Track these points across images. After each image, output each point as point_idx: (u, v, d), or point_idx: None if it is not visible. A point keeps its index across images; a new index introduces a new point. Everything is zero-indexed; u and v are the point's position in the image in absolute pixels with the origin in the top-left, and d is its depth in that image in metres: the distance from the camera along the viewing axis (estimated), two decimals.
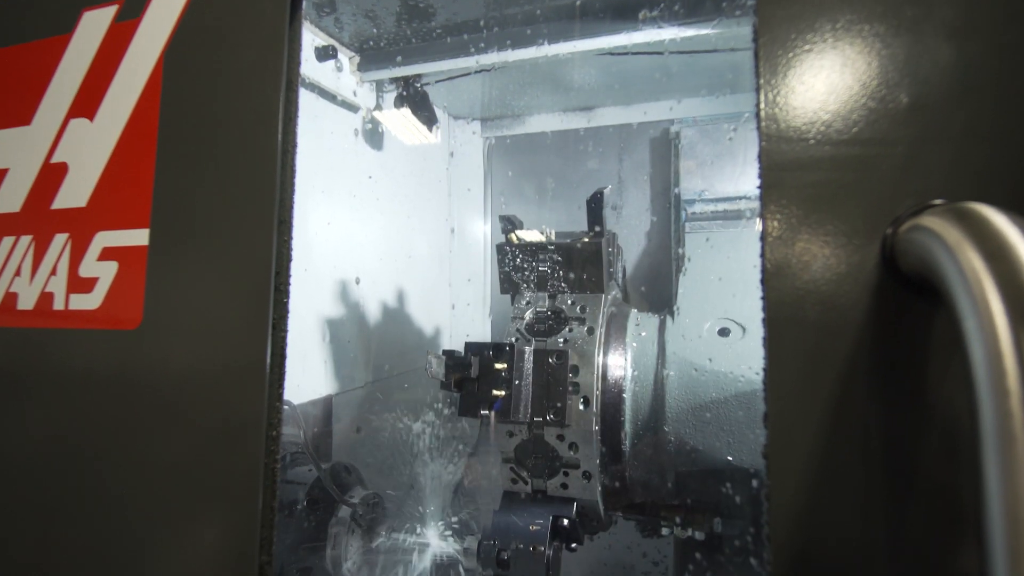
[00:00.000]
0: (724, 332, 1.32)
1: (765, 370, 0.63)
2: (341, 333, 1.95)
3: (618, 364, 1.34)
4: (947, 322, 0.58)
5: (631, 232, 2.37)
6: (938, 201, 0.59)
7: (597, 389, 1.29)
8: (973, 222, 0.49)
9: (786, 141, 0.65)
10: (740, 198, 1.86)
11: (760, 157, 0.65)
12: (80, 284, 0.92)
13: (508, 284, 1.45)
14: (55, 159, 0.97)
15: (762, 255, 0.64)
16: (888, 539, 0.60)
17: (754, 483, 1.22)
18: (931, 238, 0.52)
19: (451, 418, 2.41)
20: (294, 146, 0.87)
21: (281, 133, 0.85)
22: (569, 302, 1.39)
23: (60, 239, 0.95)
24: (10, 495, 0.94)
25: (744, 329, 1.31)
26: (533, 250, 1.43)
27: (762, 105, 0.66)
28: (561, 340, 1.32)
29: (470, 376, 1.33)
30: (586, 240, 1.40)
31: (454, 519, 1.62)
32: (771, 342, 0.62)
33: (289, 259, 0.84)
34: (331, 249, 1.98)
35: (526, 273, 1.44)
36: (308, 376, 1.77)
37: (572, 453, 1.28)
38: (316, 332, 1.83)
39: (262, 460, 0.77)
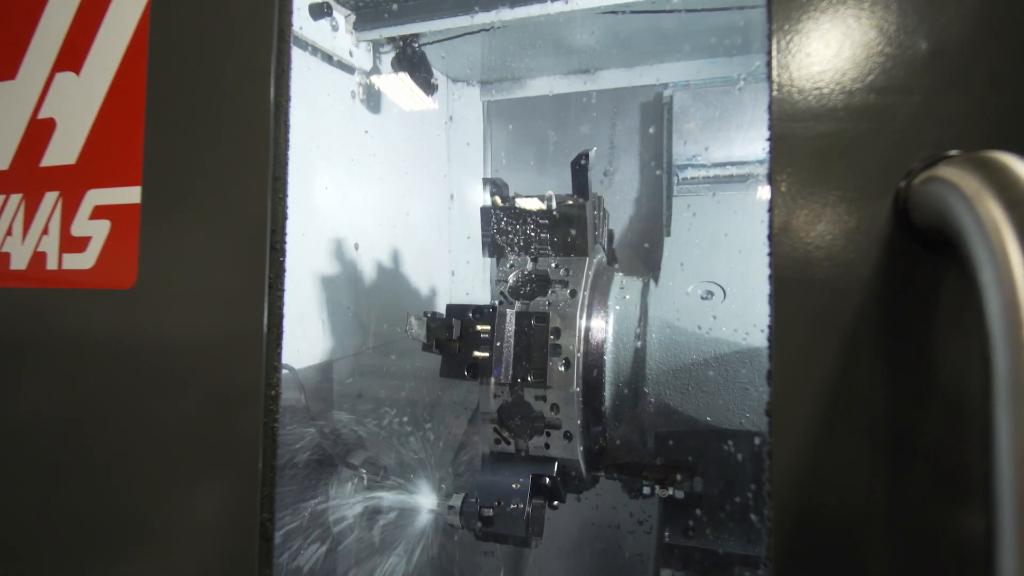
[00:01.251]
0: (707, 295, 1.33)
1: (770, 327, 0.62)
2: (340, 298, 1.94)
3: (600, 327, 1.34)
4: (958, 279, 0.57)
5: (622, 199, 2.35)
6: (954, 152, 0.57)
7: (579, 351, 1.30)
8: (992, 171, 0.47)
9: (798, 90, 0.62)
10: (732, 163, 1.83)
11: (770, 107, 0.63)
12: (73, 244, 0.91)
13: (492, 247, 1.45)
14: (42, 115, 0.94)
15: (770, 210, 0.62)
16: (890, 500, 0.60)
17: (729, 444, 1.23)
18: (948, 189, 0.50)
19: (451, 383, 2.43)
20: (287, 100, 0.84)
21: (274, 86, 0.82)
22: (553, 265, 1.39)
23: (51, 197, 0.93)
24: (8, 458, 0.94)
25: (725, 292, 1.31)
26: (517, 213, 1.42)
27: (774, 52, 0.63)
28: (545, 303, 1.33)
29: (451, 338, 1.33)
30: (570, 203, 1.39)
31: (453, 480, 1.64)
32: (777, 299, 0.61)
33: (284, 217, 0.82)
34: (329, 214, 1.95)
35: (510, 236, 1.43)
36: (308, 341, 1.77)
37: (553, 414, 1.30)
38: (315, 297, 1.82)
39: (261, 420, 0.77)
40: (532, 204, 1.45)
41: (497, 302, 1.38)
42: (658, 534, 1.48)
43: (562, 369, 1.27)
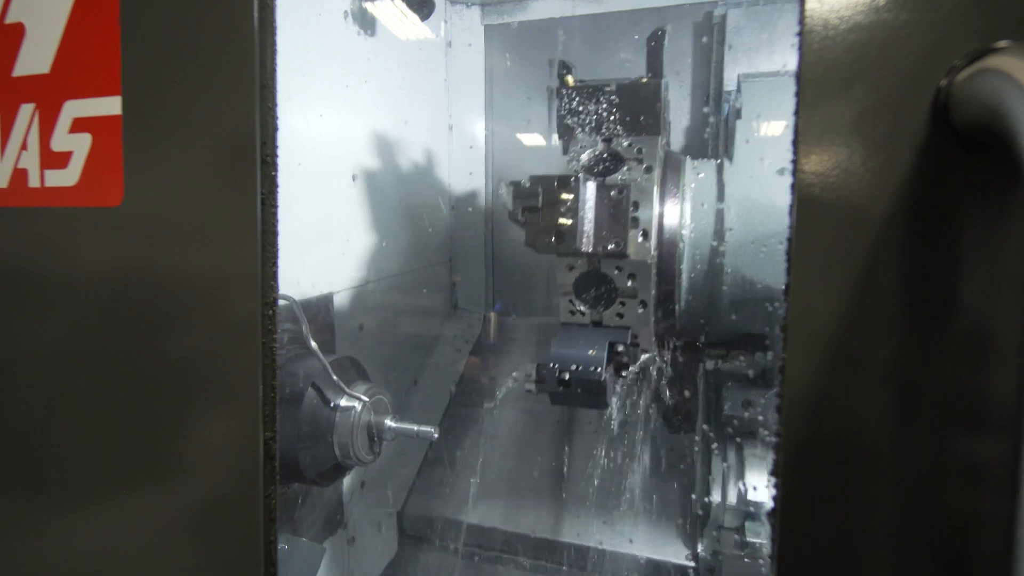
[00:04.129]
0: (782, 171, 1.35)
1: (790, 239, 0.59)
2: (339, 231, 1.90)
3: (675, 200, 1.38)
4: (999, 187, 0.53)
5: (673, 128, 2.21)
6: (1004, 43, 0.52)
7: (656, 223, 1.34)
8: None
9: None
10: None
11: None
12: (54, 159, 0.86)
13: (563, 129, 1.44)
14: (9, 19, 0.88)
15: (796, 111, 0.58)
16: (900, 429, 0.58)
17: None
18: (999, 80, 0.46)
19: (452, 316, 2.42)
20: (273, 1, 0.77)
21: None
22: (626, 144, 1.39)
23: (27, 110, 0.87)
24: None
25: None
26: (590, 92, 1.41)
27: None
28: (619, 178, 1.35)
29: (536, 206, 1.35)
30: (644, 80, 1.38)
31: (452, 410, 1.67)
32: (799, 207, 0.58)
33: (275, 128, 0.77)
34: (324, 143, 1.88)
35: (581, 117, 1.43)
36: (308, 273, 1.75)
37: (629, 283, 1.35)
38: (313, 229, 1.78)
39: (259, 333, 0.75)
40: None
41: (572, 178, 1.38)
42: (714, 409, 1.53)
43: (640, 240, 1.30)
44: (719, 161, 1.48)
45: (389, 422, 1.49)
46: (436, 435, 1.49)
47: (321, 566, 1.48)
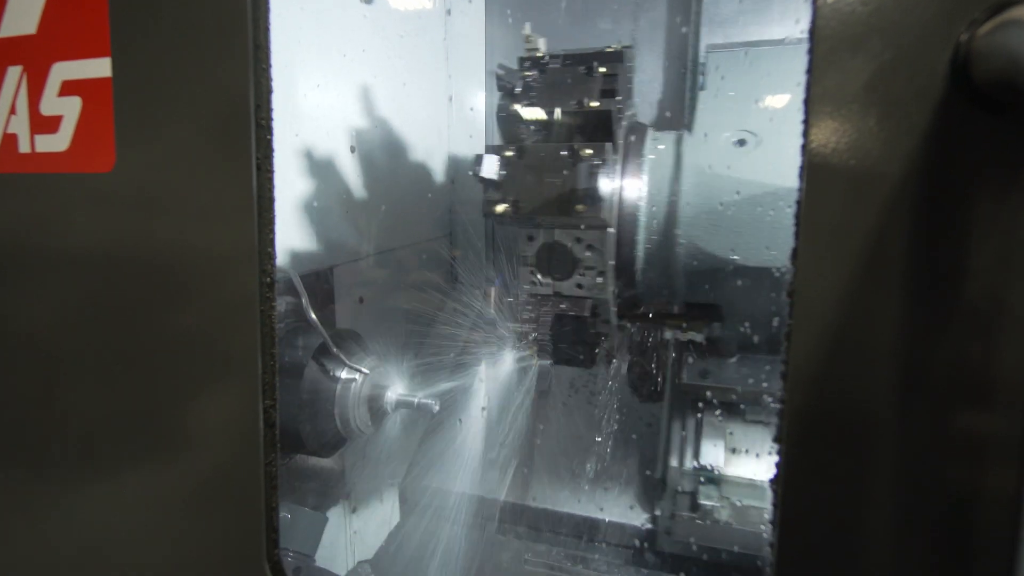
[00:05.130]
0: (741, 143, 1.36)
1: (799, 202, 0.57)
2: (338, 204, 1.88)
3: (635, 172, 1.40)
4: (1019, 147, 0.52)
5: (643, 100, 2.20)
6: None
7: (615, 195, 1.36)
8: None
9: None
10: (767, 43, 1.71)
11: None
12: (44, 123, 0.84)
13: (517, 99, 1.43)
14: None
15: (809, 69, 0.56)
16: (907, 399, 0.57)
17: (753, 282, 1.31)
18: None
19: (452, 290, 2.42)
20: None
21: None
22: (586, 113, 1.39)
23: (14, 73, 0.85)
24: None
25: (758, 137, 1.34)
26: (545, 64, 1.42)
27: None
28: (578, 151, 1.34)
29: (492, 178, 1.36)
30: (609, 50, 1.38)
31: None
32: (810, 169, 0.56)
33: (269, 90, 0.75)
34: (322, 114, 1.84)
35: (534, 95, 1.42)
36: (307, 246, 1.73)
37: (588, 254, 1.38)
38: (312, 202, 1.76)
39: (258, 302, 0.74)
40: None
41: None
42: (673, 378, 1.58)
43: (597, 211, 1.31)
44: (679, 132, 1.49)
45: (390, 394, 1.49)
46: (437, 407, 1.49)
47: (324, 535, 1.50)
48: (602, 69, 1.36)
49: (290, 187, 1.64)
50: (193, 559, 0.87)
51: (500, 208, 1.36)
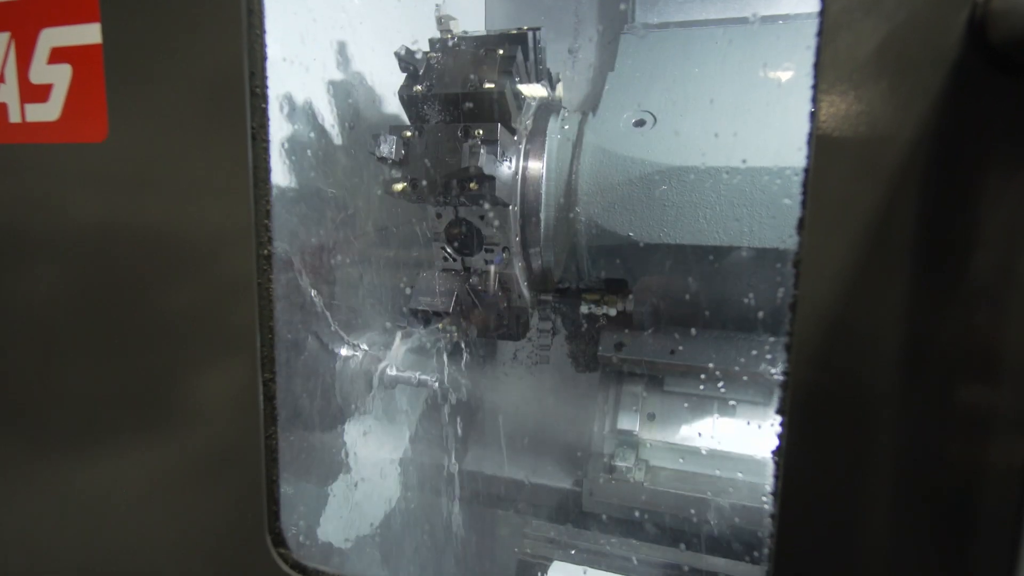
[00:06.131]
0: (640, 123, 1.42)
1: (807, 170, 0.56)
2: (337, 181, 1.86)
3: (539, 152, 1.46)
4: None
5: (583, 77, 2.16)
6: None
7: (518, 174, 1.43)
8: None
9: None
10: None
11: None
12: (34, 92, 0.82)
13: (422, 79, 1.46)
14: None
15: (820, 31, 0.54)
16: (914, 371, 0.56)
17: (664, 259, 1.37)
18: None
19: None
20: None
21: None
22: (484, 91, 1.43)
23: (2, 39, 0.83)
24: None
25: (655, 118, 1.40)
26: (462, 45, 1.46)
27: None
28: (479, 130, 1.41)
29: (390, 157, 1.43)
30: (513, 32, 1.41)
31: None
32: (818, 136, 0.54)
33: (264, 57, 0.73)
34: (320, 89, 1.82)
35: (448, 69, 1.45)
36: (307, 224, 1.72)
37: (494, 231, 1.44)
38: (311, 180, 1.74)
39: (255, 275, 0.73)
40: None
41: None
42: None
43: (498, 188, 1.37)
44: (585, 112, 1.53)
45: (390, 371, 1.49)
46: (436, 384, 1.50)
47: (325, 509, 1.51)
48: (500, 51, 1.38)
49: (290, 162, 1.63)
50: (196, 531, 0.87)
51: (399, 187, 1.41)
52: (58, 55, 0.80)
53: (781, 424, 0.59)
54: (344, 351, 1.43)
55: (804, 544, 0.62)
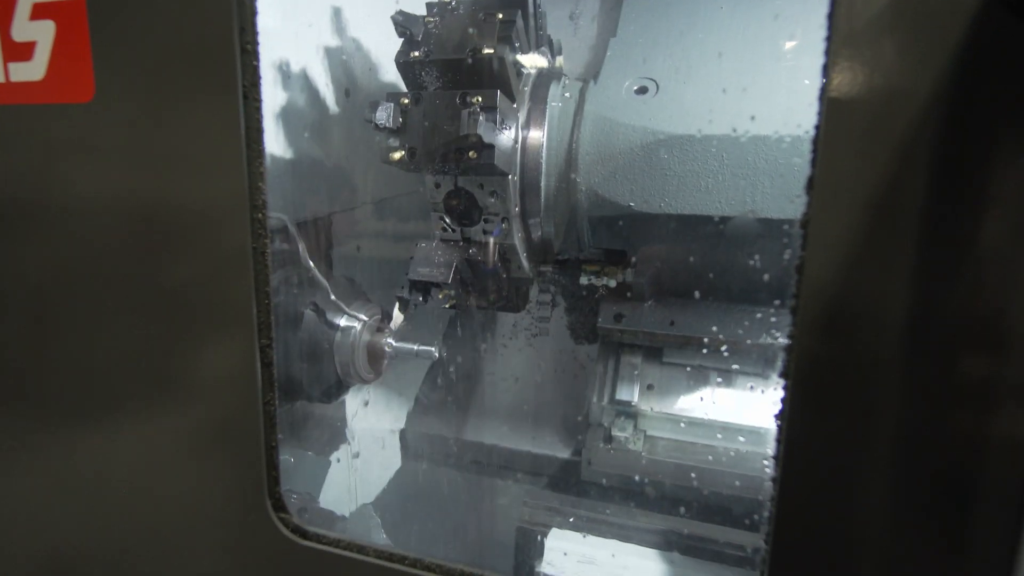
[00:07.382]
0: (641, 90, 1.38)
1: (818, 127, 0.54)
2: (335, 150, 1.82)
3: (539, 121, 1.43)
4: None
5: (585, 44, 2.10)
6: None
7: (518, 143, 1.39)
8: None
9: None
10: None
11: None
12: (17, 51, 0.79)
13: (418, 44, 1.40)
14: None
15: None
16: (915, 339, 0.55)
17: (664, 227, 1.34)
18: None
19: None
20: None
21: None
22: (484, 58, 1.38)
23: None
24: None
25: (658, 86, 1.37)
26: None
27: None
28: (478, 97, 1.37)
29: (387, 125, 1.37)
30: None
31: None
32: (831, 90, 0.52)
33: (254, 12, 0.70)
34: (316, 56, 1.77)
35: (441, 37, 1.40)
36: (305, 194, 1.69)
37: (492, 200, 1.41)
38: (308, 148, 1.71)
39: (250, 241, 0.72)
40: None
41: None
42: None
43: (497, 157, 1.33)
44: (586, 79, 1.50)
45: (390, 341, 1.49)
46: (436, 354, 1.49)
47: (326, 478, 1.52)
48: (500, 15, 1.32)
49: (286, 133, 1.59)
50: (198, 499, 0.88)
51: (396, 156, 1.36)
52: (40, 10, 0.77)
53: (784, 388, 0.58)
54: (344, 321, 1.42)
55: (805, 507, 0.62)
